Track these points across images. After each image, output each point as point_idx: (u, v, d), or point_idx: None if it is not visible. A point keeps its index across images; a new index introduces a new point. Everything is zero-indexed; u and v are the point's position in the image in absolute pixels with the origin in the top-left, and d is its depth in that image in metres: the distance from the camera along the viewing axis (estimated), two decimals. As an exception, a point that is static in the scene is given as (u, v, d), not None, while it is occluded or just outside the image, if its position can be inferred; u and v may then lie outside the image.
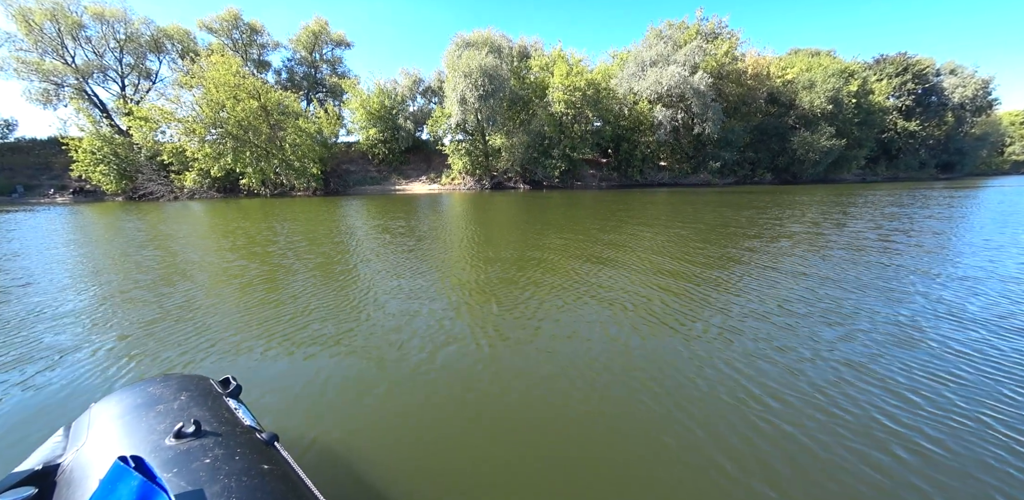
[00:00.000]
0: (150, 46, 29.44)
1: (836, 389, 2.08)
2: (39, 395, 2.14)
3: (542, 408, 1.96)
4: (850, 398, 1.99)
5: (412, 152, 31.29)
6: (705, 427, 1.78)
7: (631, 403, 1.97)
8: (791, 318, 3.03)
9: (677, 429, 1.76)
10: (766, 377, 2.19)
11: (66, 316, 3.39)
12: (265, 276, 4.60)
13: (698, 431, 1.75)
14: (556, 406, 1.97)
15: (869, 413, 1.86)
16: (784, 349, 2.52)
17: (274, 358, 2.55)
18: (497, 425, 1.83)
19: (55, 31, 26.16)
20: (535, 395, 2.07)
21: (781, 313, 3.14)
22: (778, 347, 2.55)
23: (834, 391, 2.06)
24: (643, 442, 1.68)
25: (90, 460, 0.91)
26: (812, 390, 2.07)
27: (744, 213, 9.94)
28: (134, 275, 4.81)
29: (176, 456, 0.91)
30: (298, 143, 24.29)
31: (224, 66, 22.92)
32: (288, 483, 0.93)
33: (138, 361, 2.54)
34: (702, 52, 26.96)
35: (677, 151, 29.74)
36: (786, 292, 3.67)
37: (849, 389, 2.07)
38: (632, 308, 3.31)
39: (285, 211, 13.54)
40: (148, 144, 24.55)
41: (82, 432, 0.98)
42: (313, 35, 34.39)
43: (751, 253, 5.31)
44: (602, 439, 1.71)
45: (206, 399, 1.16)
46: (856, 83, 31.24)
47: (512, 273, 4.47)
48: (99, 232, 9.25)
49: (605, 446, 1.67)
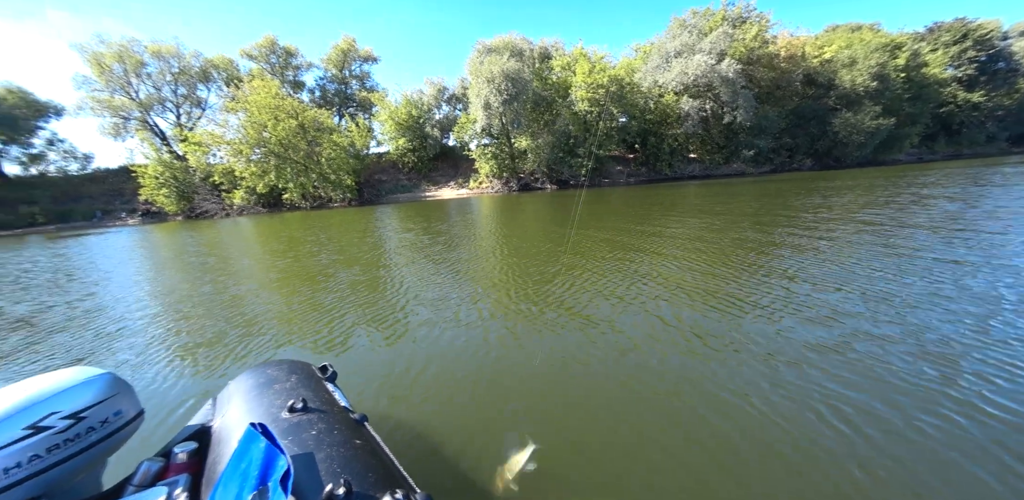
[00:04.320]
0: (200, 77, 32.15)
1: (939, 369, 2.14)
2: (195, 373, 2.80)
3: (615, 391, 2.14)
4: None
5: (440, 159, 32.17)
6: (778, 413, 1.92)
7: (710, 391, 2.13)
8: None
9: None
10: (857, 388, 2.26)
11: (199, 316, 4.03)
12: (355, 276, 5.08)
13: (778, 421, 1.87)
14: (631, 387, 2.16)
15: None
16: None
17: (358, 347, 2.99)
18: (563, 411, 2.00)
19: (122, 70, 29.24)
20: (605, 380, 2.26)
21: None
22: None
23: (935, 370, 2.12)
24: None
25: (230, 424, 1.18)
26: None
27: (796, 201, 9.60)
28: (229, 281, 5.58)
29: (290, 427, 1.08)
30: (333, 157, 25.67)
31: (264, 89, 24.68)
32: (376, 457, 1.04)
33: (254, 347, 3.16)
34: (729, 38, 25.99)
35: (707, 142, 28.78)
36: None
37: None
38: (695, 295, 3.44)
39: (330, 221, 14.41)
40: (202, 166, 26.83)
41: (224, 402, 1.28)
42: (342, 53, 36.12)
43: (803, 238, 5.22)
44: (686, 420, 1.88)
45: (310, 381, 1.37)
46: (904, 56, 28.94)
47: (541, 267, 4.69)
48: (183, 249, 10.34)
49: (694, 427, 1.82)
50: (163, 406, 2.34)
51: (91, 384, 1.07)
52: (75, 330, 4.04)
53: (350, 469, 0.94)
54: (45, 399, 0.98)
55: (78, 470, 1.04)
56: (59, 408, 0.99)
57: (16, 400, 0.95)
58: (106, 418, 1.08)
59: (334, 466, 0.94)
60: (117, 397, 1.12)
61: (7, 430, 0.91)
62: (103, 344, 3.58)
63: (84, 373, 1.10)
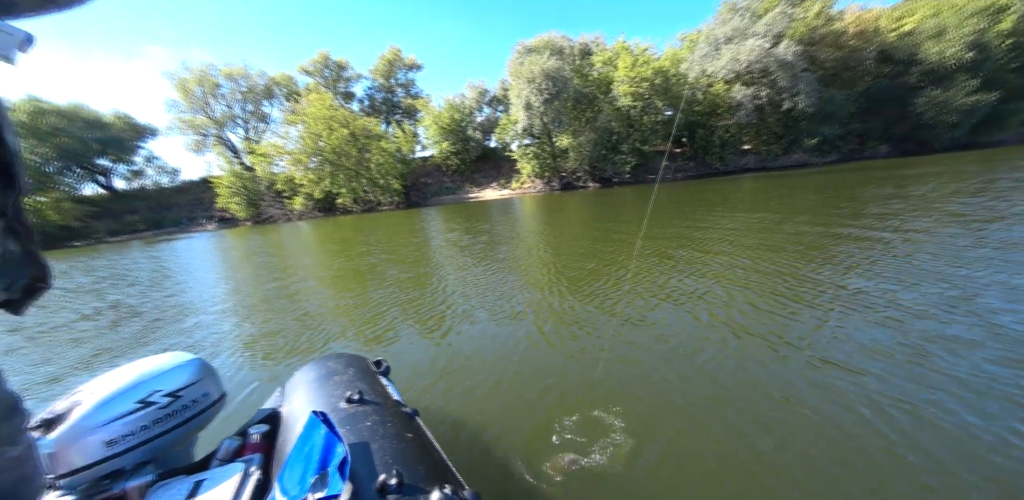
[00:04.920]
0: (264, 94, 35.18)
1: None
2: (260, 362, 3.12)
3: (658, 387, 2.12)
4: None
5: (482, 160, 32.72)
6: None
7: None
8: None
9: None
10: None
11: (264, 311, 4.50)
12: (406, 275, 5.40)
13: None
14: (700, 393, 2.10)
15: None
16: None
17: (407, 341, 3.17)
18: (600, 407, 2.00)
19: (201, 92, 32.79)
20: (649, 376, 2.26)
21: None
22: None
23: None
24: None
25: (295, 411, 1.26)
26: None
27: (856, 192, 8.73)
28: (290, 279, 6.12)
29: (347, 416, 1.13)
30: (381, 162, 27.03)
31: (319, 102, 26.53)
32: (427, 451, 1.07)
33: (311, 339, 3.48)
34: (787, 19, 24.01)
35: (763, 131, 26.76)
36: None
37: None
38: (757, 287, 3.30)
39: (379, 224, 15.21)
40: (267, 176, 29.37)
41: (291, 390, 1.41)
42: (388, 63, 37.82)
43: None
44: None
45: (365, 375, 1.44)
46: (1010, 19, 24.97)
47: (592, 266, 4.66)
48: (251, 250, 11.46)
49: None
50: (234, 390, 2.62)
51: (185, 368, 1.25)
52: (169, 319, 4.68)
53: (402, 461, 0.96)
54: (150, 378, 1.17)
55: (175, 442, 1.22)
56: (161, 387, 1.17)
57: (129, 379, 1.14)
58: (197, 398, 1.26)
59: (387, 457, 0.97)
60: (205, 380, 1.29)
61: (123, 403, 1.09)
62: (189, 332, 4.11)
63: (179, 358, 1.28)
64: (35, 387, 3.13)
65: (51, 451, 0.99)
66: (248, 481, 1.00)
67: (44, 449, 0.99)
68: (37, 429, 1.00)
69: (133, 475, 1.08)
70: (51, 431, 1.00)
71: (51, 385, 3.14)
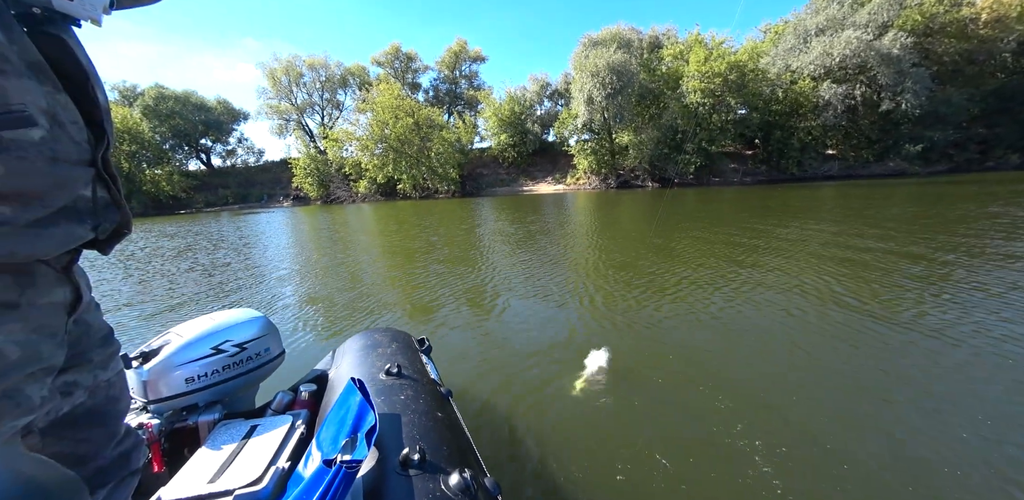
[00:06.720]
0: (339, 83, 37.65)
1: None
2: (313, 326, 3.46)
3: (707, 383, 2.08)
4: None
5: (538, 154, 32.57)
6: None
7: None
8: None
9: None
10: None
11: (323, 280, 4.96)
12: (452, 258, 5.65)
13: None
14: (723, 374, 2.05)
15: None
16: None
17: (450, 322, 3.29)
18: (638, 402, 1.96)
19: (287, 81, 35.91)
20: (699, 372, 2.22)
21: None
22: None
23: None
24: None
25: (340, 376, 1.34)
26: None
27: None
28: (350, 254, 6.73)
29: (383, 388, 1.17)
30: (441, 152, 27.92)
31: (388, 92, 27.91)
32: (454, 432, 1.07)
33: (361, 309, 3.81)
34: (898, 6, 21.08)
35: (852, 135, 23.85)
36: None
37: None
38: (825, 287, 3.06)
39: (435, 209, 15.73)
40: (336, 159, 31.51)
41: (340, 356, 1.53)
42: (454, 55, 38.66)
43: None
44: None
45: (407, 351, 1.49)
46: None
47: (628, 258, 4.52)
48: (320, 226, 12.51)
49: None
50: (293, 349, 2.90)
51: (252, 323, 1.40)
52: (244, 281, 5.35)
53: (428, 438, 0.97)
54: (223, 329, 1.32)
55: (240, 388, 1.38)
56: (231, 337, 1.32)
57: (207, 327, 1.31)
58: (260, 351, 1.40)
59: (414, 432, 0.99)
60: (268, 336, 1.44)
61: (200, 348, 1.25)
62: (258, 293, 4.66)
63: (247, 314, 1.43)
64: (137, 319, 3.86)
65: (145, 379, 1.16)
66: (293, 433, 1.09)
67: (141, 377, 1.17)
68: (137, 359, 1.18)
69: (204, 411, 1.25)
70: (147, 363, 1.18)
71: (149, 319, 3.86)
